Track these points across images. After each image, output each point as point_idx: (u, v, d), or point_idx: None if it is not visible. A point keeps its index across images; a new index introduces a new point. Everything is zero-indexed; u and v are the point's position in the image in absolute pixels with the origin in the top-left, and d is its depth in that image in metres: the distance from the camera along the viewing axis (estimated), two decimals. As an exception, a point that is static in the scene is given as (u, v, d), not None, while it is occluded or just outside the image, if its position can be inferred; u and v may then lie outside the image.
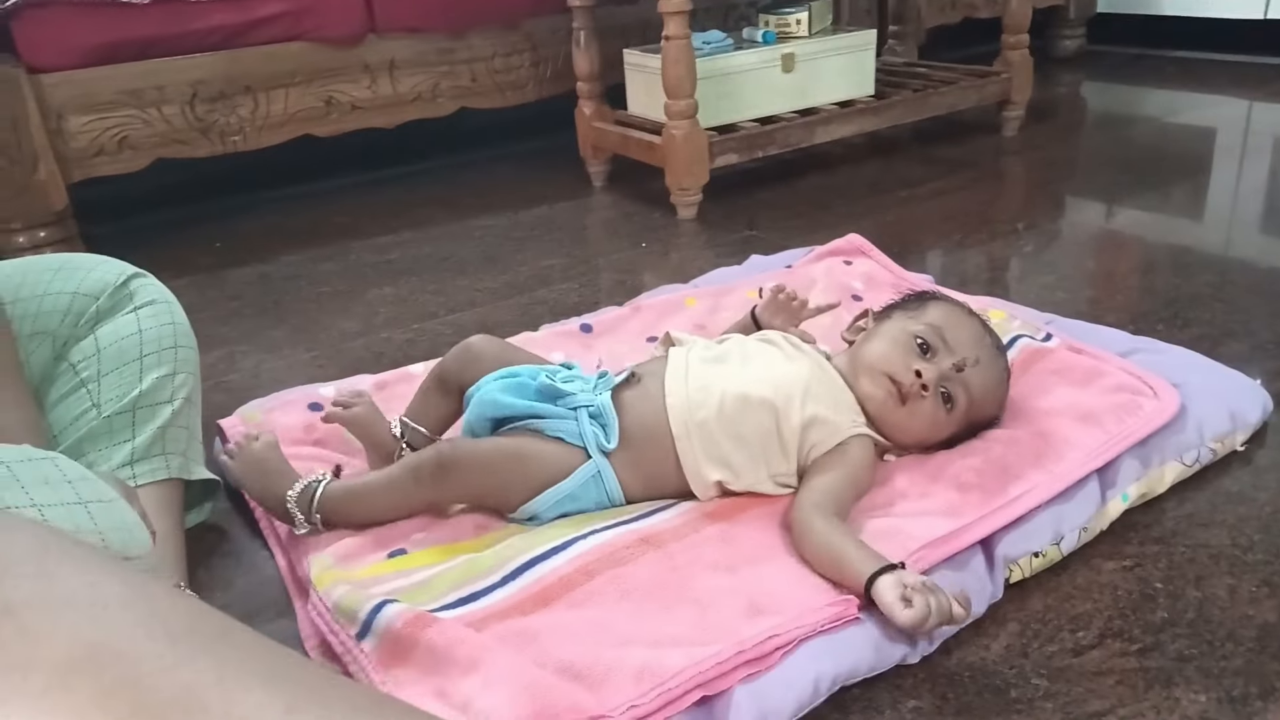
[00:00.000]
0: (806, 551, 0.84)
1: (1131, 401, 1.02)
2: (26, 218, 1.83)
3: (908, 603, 0.74)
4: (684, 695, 0.70)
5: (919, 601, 0.74)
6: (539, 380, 0.97)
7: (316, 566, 0.87)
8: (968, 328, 1.00)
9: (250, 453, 0.95)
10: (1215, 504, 0.95)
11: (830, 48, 2.13)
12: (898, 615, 0.74)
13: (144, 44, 1.90)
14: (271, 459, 0.94)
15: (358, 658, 0.76)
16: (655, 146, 1.94)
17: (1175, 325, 1.31)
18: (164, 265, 1.87)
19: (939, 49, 2.88)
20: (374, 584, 0.84)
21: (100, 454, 0.92)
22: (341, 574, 0.85)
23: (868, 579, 0.77)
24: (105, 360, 0.95)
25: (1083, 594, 0.84)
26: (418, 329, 1.52)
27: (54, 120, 1.84)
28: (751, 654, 0.73)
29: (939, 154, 2.28)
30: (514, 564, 0.85)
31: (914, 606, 0.74)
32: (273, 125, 2.08)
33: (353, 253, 1.91)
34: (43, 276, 0.96)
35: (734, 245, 1.76)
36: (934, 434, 0.98)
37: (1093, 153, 2.24)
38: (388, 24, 2.13)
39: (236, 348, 1.50)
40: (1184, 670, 0.75)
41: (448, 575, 0.85)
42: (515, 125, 2.65)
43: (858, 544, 0.82)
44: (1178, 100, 2.67)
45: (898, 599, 0.74)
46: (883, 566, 0.77)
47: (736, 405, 0.93)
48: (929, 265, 1.59)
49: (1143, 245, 1.65)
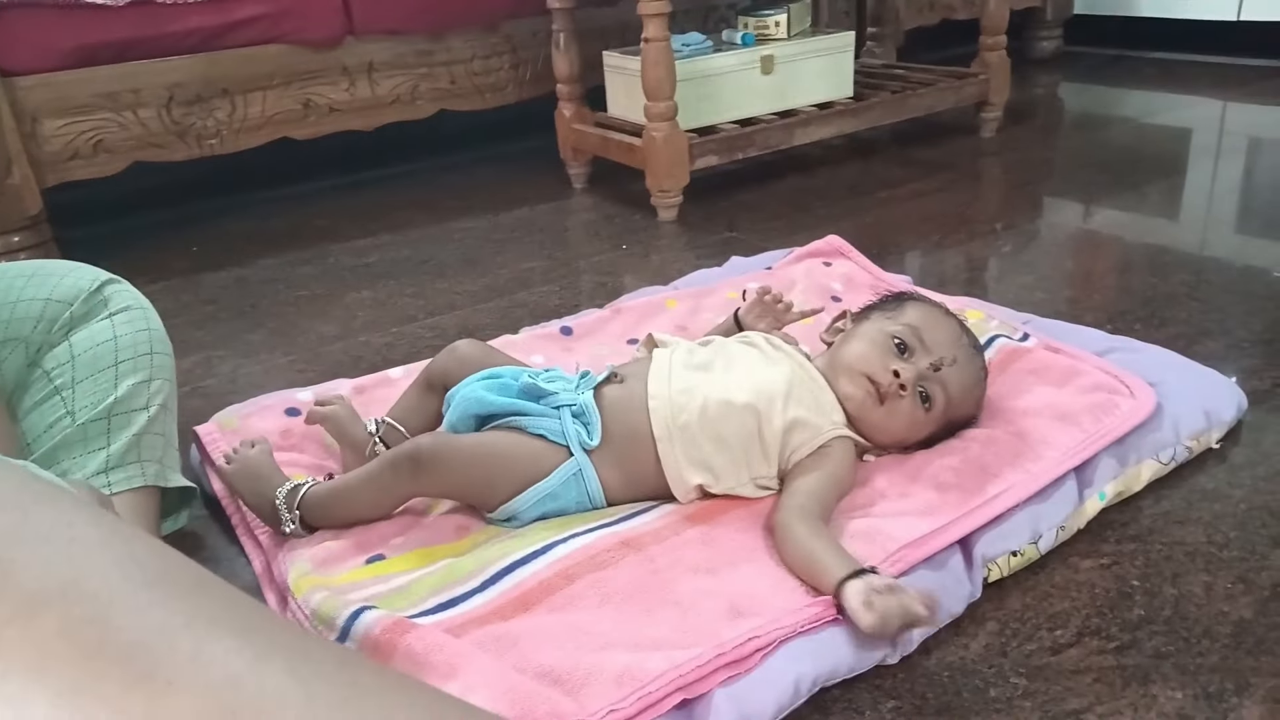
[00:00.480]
0: (785, 555, 0.84)
1: (1108, 401, 1.02)
2: (0, 223, 1.81)
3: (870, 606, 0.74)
4: (664, 699, 0.70)
5: (879, 603, 0.74)
6: (522, 380, 0.97)
7: (294, 572, 0.86)
8: (945, 328, 1.00)
9: (245, 458, 0.98)
10: (1191, 501, 0.95)
11: (809, 50, 2.13)
12: (860, 620, 0.74)
13: (120, 46, 1.88)
14: (264, 464, 0.97)
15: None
16: (635, 148, 1.94)
17: (1152, 324, 1.32)
18: (140, 270, 1.87)
19: (917, 51, 2.89)
20: (352, 589, 0.83)
21: (75, 462, 0.91)
22: (320, 580, 0.85)
23: (837, 584, 0.77)
24: (80, 367, 0.94)
25: (1061, 592, 0.85)
26: (396, 332, 1.51)
27: (28, 123, 1.82)
28: (731, 656, 0.73)
29: (917, 155, 2.29)
30: (494, 568, 0.85)
31: (874, 610, 0.74)
32: (250, 128, 2.07)
33: (331, 256, 1.90)
34: (15, 283, 0.95)
35: (714, 247, 1.77)
36: (912, 433, 0.99)
37: (1070, 153, 2.26)
38: (366, 26, 2.12)
39: (213, 352, 1.49)
40: (1161, 667, 0.76)
41: (427, 580, 0.85)
42: (495, 127, 2.65)
43: (833, 549, 0.82)
44: (1155, 101, 2.69)
45: (860, 604, 0.74)
46: (852, 571, 0.78)
47: (719, 409, 0.93)
48: (908, 266, 1.60)
49: (1120, 245, 1.66)
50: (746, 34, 2.13)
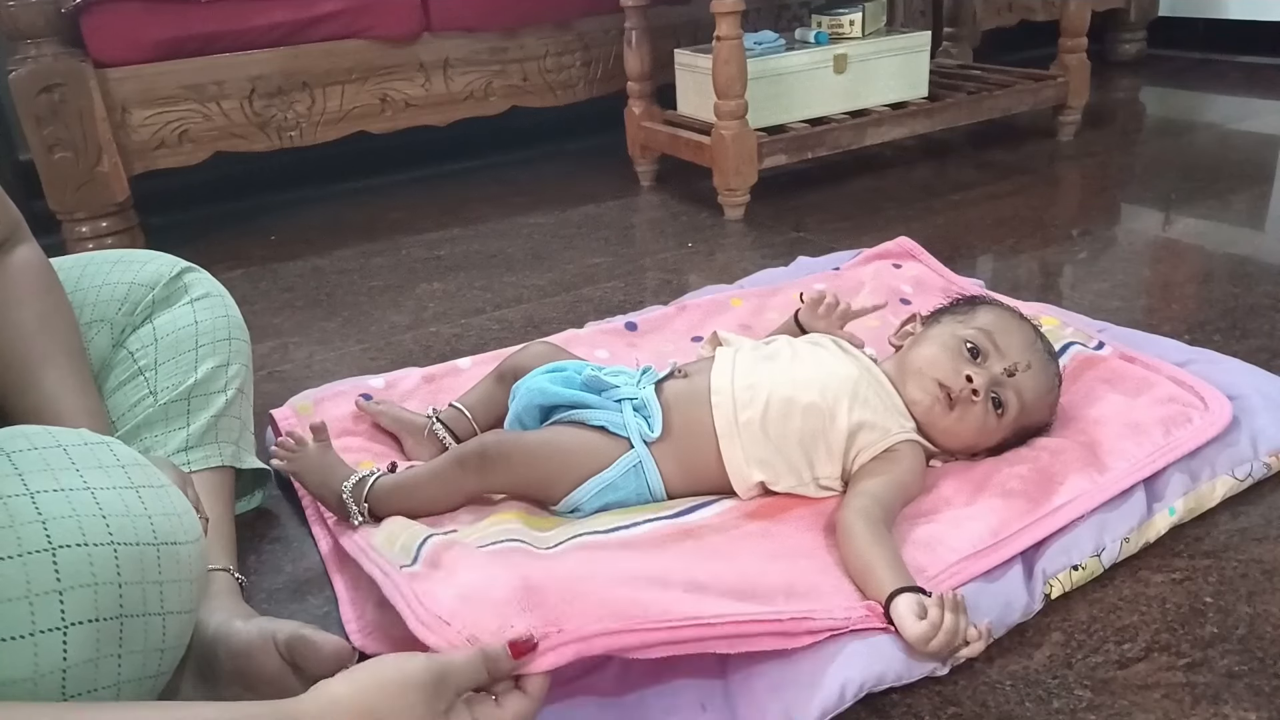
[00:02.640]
0: (844, 555, 0.84)
1: (1181, 413, 1.00)
2: (90, 208, 1.88)
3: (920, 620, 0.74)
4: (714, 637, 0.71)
5: (933, 614, 0.74)
6: (585, 373, 0.99)
7: (378, 538, 0.88)
8: (1019, 332, 0.99)
9: (308, 453, 0.97)
10: (1270, 519, 0.93)
11: (884, 49, 2.11)
12: (908, 628, 0.74)
13: (206, 40, 1.94)
14: (325, 457, 0.97)
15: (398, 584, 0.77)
16: (704, 147, 1.94)
17: (1233, 336, 1.28)
18: (219, 257, 1.93)
19: (994, 52, 2.84)
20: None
21: (156, 439, 0.94)
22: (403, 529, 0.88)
23: (889, 596, 0.77)
24: (162, 350, 0.98)
25: (1129, 606, 0.83)
26: (465, 324, 1.53)
27: (118, 114, 1.89)
28: (784, 626, 0.73)
29: (992, 158, 2.25)
30: (562, 539, 0.87)
31: (927, 619, 0.73)
32: (329, 121, 2.11)
33: (404, 248, 1.94)
34: (101, 268, 1.00)
35: (781, 247, 1.76)
36: (983, 440, 0.97)
37: (1151, 159, 2.20)
38: (443, 23, 2.15)
39: (289, 339, 1.53)
40: (1233, 687, 0.74)
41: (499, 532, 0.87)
42: (565, 124, 2.67)
43: (891, 559, 0.81)
44: (1241, 106, 2.60)
45: (911, 613, 0.74)
46: (905, 586, 0.77)
47: (782, 407, 0.93)
48: (980, 270, 1.57)
49: (1201, 254, 1.61)
50: (820, 33, 2.11)
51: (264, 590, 0.94)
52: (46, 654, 0.51)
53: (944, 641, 0.73)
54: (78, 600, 0.52)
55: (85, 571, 0.53)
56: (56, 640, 0.51)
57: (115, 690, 0.54)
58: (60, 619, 0.51)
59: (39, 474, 0.55)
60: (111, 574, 0.54)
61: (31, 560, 0.51)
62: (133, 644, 0.55)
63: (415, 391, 1.20)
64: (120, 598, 0.54)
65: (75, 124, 1.82)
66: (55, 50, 1.80)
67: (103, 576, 0.54)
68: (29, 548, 0.51)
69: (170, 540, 0.59)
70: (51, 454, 0.57)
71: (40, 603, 0.51)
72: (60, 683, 0.51)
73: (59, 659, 0.51)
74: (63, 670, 0.51)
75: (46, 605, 0.51)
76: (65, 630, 0.51)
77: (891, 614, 0.76)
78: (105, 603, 0.54)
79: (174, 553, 0.59)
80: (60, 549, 0.52)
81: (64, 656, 0.51)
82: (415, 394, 1.20)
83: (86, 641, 0.52)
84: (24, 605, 0.50)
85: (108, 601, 0.54)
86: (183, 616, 0.60)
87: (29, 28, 1.76)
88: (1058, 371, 1.01)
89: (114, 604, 0.54)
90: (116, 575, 0.54)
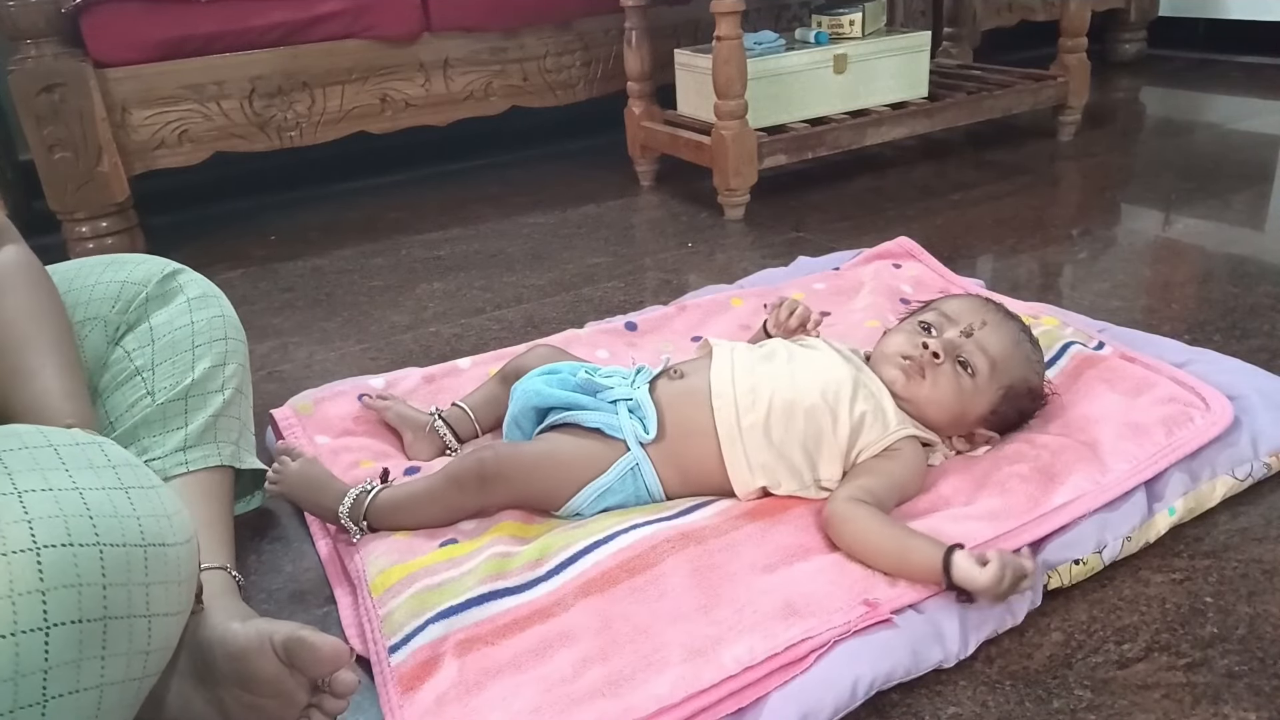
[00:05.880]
0: (850, 540, 0.85)
1: (1182, 413, 1.00)
2: (90, 208, 1.88)
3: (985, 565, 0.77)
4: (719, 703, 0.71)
5: (993, 561, 0.77)
6: (578, 376, 1.00)
7: (373, 569, 0.87)
8: (970, 303, 1.02)
9: (294, 473, 0.97)
10: (1270, 519, 0.92)
11: (884, 49, 2.11)
12: (978, 578, 0.77)
13: (206, 40, 1.94)
14: (317, 475, 0.97)
15: (383, 671, 0.78)
16: (704, 147, 1.94)
17: (1233, 336, 1.28)
18: (219, 257, 1.93)
19: (994, 52, 2.84)
20: (425, 575, 0.85)
21: (154, 439, 0.94)
22: (399, 569, 0.86)
23: (943, 556, 0.79)
24: (159, 350, 0.98)
25: (1129, 606, 0.83)
26: (465, 324, 1.53)
27: (118, 114, 1.89)
28: (786, 658, 0.73)
29: (992, 158, 2.25)
30: (557, 559, 0.86)
31: (991, 568, 0.76)
32: (329, 121, 2.11)
33: (404, 248, 1.94)
34: (94, 269, 1.01)
35: (781, 246, 1.76)
36: (968, 405, 0.97)
37: (1151, 159, 2.20)
38: (443, 23, 2.15)
39: (289, 339, 1.53)
40: (1233, 687, 0.74)
41: (489, 564, 0.86)
42: (565, 124, 2.67)
43: (911, 530, 0.84)
44: (1241, 106, 2.60)
45: (974, 565, 0.77)
46: (951, 545, 0.80)
47: (785, 410, 0.93)
48: (980, 270, 1.57)
49: (1201, 254, 1.61)
50: (820, 32, 2.11)
51: (263, 590, 0.94)
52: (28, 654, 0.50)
53: (1012, 579, 0.77)
54: (61, 601, 0.52)
55: (70, 572, 0.52)
56: (38, 640, 0.51)
57: (99, 692, 0.54)
58: (43, 619, 0.51)
59: (28, 473, 0.55)
60: (96, 575, 0.54)
61: (15, 559, 0.50)
62: (116, 646, 0.55)
63: (415, 391, 1.20)
64: (105, 599, 0.54)
65: (75, 124, 1.82)
66: (55, 50, 1.80)
67: (87, 578, 0.53)
68: (14, 547, 0.51)
69: (159, 542, 0.59)
70: (42, 453, 0.57)
71: (23, 602, 0.50)
72: (42, 683, 0.51)
73: (40, 659, 0.51)
74: (44, 671, 0.51)
75: (29, 605, 0.50)
76: (47, 631, 0.51)
77: (954, 571, 0.78)
78: (89, 604, 0.53)
79: (162, 554, 0.59)
80: (45, 549, 0.52)
81: (45, 657, 0.51)
82: (415, 394, 1.20)
83: (69, 643, 0.52)
84: (6, 604, 0.50)
85: (91, 603, 0.53)
86: (170, 619, 0.60)
87: (29, 28, 1.76)
88: (1023, 328, 1.02)
89: (98, 605, 0.54)
90: (101, 576, 0.54)
